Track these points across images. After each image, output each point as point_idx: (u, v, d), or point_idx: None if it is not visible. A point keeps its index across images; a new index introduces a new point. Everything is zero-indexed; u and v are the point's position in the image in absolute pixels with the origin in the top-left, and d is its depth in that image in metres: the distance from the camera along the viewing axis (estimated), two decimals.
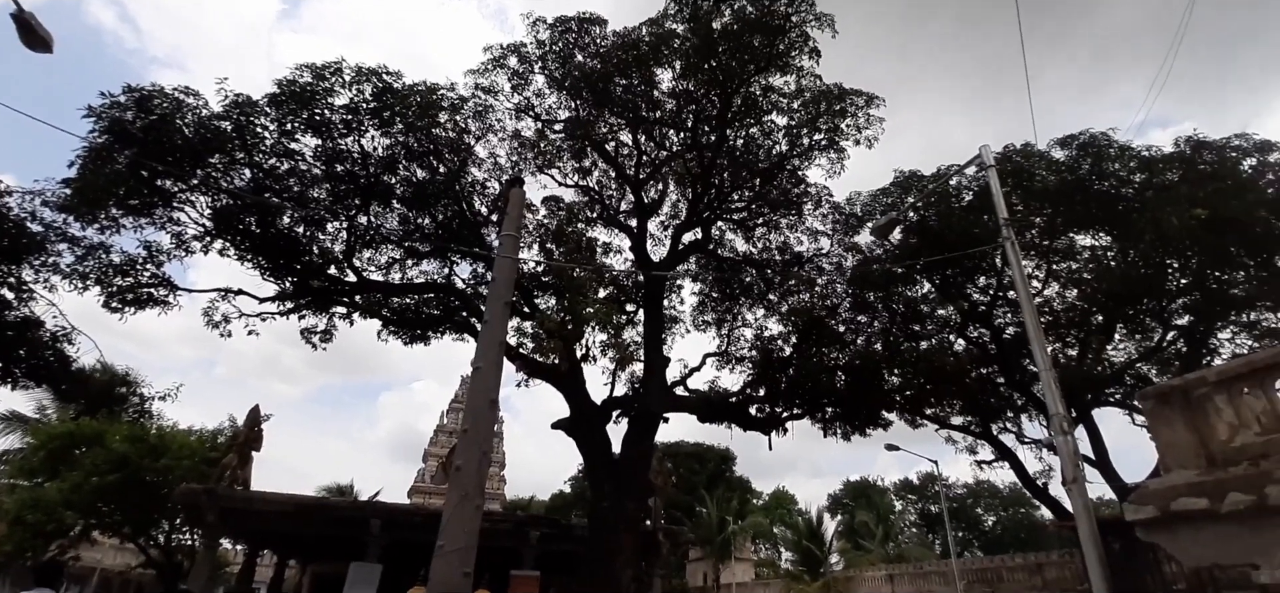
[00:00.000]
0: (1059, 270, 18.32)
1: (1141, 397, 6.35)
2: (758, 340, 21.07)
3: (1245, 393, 5.47)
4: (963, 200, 17.92)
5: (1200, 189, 14.62)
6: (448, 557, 6.28)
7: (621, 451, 17.65)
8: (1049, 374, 7.79)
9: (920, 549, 45.92)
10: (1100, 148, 16.50)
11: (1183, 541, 5.24)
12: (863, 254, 19.79)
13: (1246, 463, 5.10)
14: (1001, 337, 19.04)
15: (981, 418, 20.39)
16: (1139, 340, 18.44)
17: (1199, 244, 14.70)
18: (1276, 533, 4.63)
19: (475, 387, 7.79)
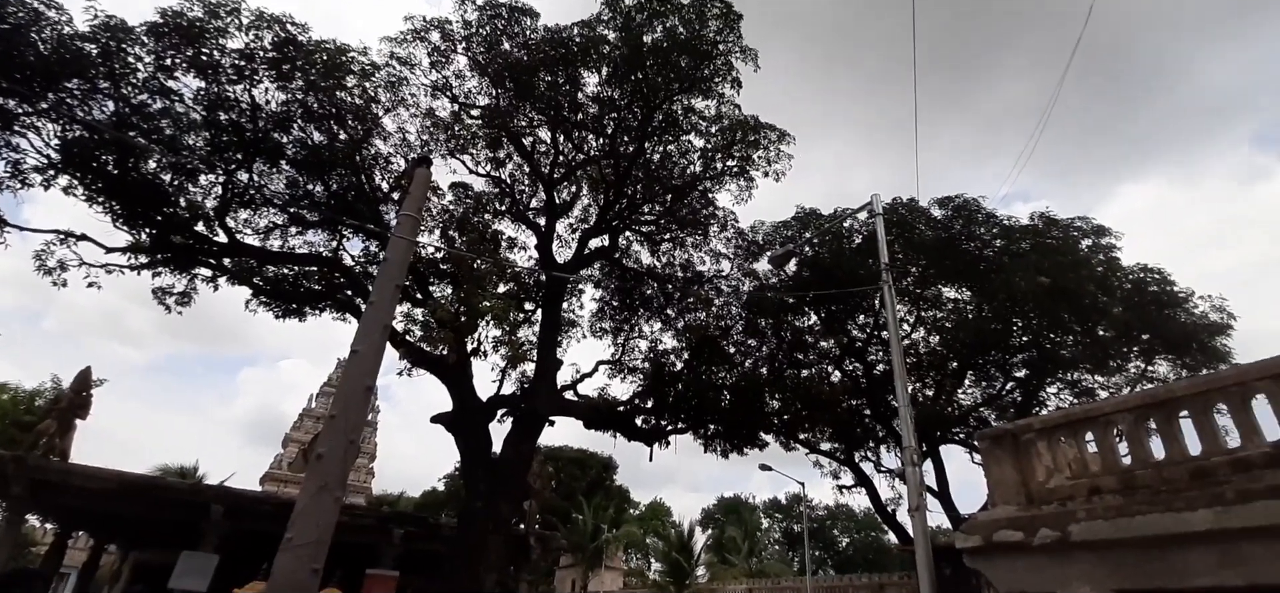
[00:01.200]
0: (927, 317, 20.31)
1: (980, 437, 7.17)
2: (652, 353, 21.51)
3: (1062, 441, 6.35)
4: (853, 243, 19.41)
5: (1046, 260, 16.86)
6: (296, 551, 5.80)
7: (502, 450, 17.29)
8: (907, 410, 8.59)
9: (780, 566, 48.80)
10: (971, 212, 18.57)
11: (1000, 569, 5.97)
12: (759, 281, 20.83)
13: (1057, 503, 5.92)
14: (872, 372, 20.75)
15: (847, 446, 22.10)
16: (984, 387, 20.84)
17: (1040, 308, 16.90)
18: (1076, 566, 5.40)
19: (351, 370, 7.31)
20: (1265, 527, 4.29)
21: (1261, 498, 4.38)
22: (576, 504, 45.52)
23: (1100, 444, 5.97)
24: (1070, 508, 5.63)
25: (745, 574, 39.86)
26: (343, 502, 6.57)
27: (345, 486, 6.69)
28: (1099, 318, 17.27)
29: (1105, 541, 5.15)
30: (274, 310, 18.40)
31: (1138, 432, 5.71)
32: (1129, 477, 5.52)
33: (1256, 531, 4.34)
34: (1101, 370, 18.31)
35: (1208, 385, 5.46)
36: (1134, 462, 5.62)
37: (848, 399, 21.31)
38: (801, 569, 39.53)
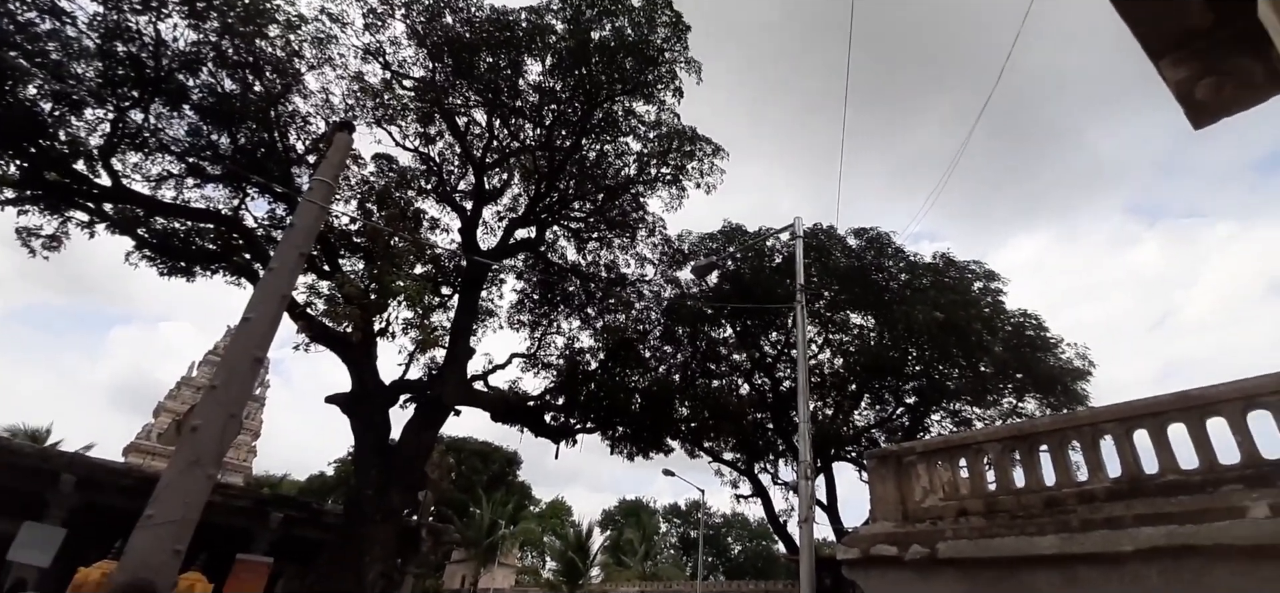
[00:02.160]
0: (834, 340, 21.43)
1: (868, 456, 7.66)
2: (568, 350, 21.40)
3: (939, 465, 6.90)
4: (773, 262, 20.20)
5: (942, 297, 18.26)
6: (155, 530, 5.30)
7: (401, 437, 16.59)
8: (806, 426, 9.04)
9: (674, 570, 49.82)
10: (883, 245, 19.83)
11: (874, 581, 6.40)
12: (681, 289, 21.22)
13: (929, 521, 6.42)
14: (778, 388, 21.65)
15: (748, 457, 22.93)
16: (877, 410, 22.28)
17: (933, 341, 18.27)
18: (940, 582, 5.87)
19: (240, 338, 6.79)
20: (1102, 553, 4.84)
21: (1100, 528, 4.95)
22: (475, 498, 44.46)
23: (971, 470, 6.53)
24: (940, 527, 6.12)
25: (639, 577, 40.43)
26: (216, 479, 6.08)
27: (220, 462, 6.20)
28: (982, 355, 18.90)
29: (968, 559, 5.63)
30: (159, 267, 16.74)
31: (1003, 461, 6.30)
32: (992, 501, 6.08)
33: (1094, 557, 4.89)
34: (980, 403, 20.02)
35: (1065, 424, 6.11)
36: (998, 488, 6.20)
37: (753, 412, 22.11)
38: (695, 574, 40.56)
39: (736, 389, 22.25)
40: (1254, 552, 4.11)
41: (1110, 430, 5.56)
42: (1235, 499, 4.43)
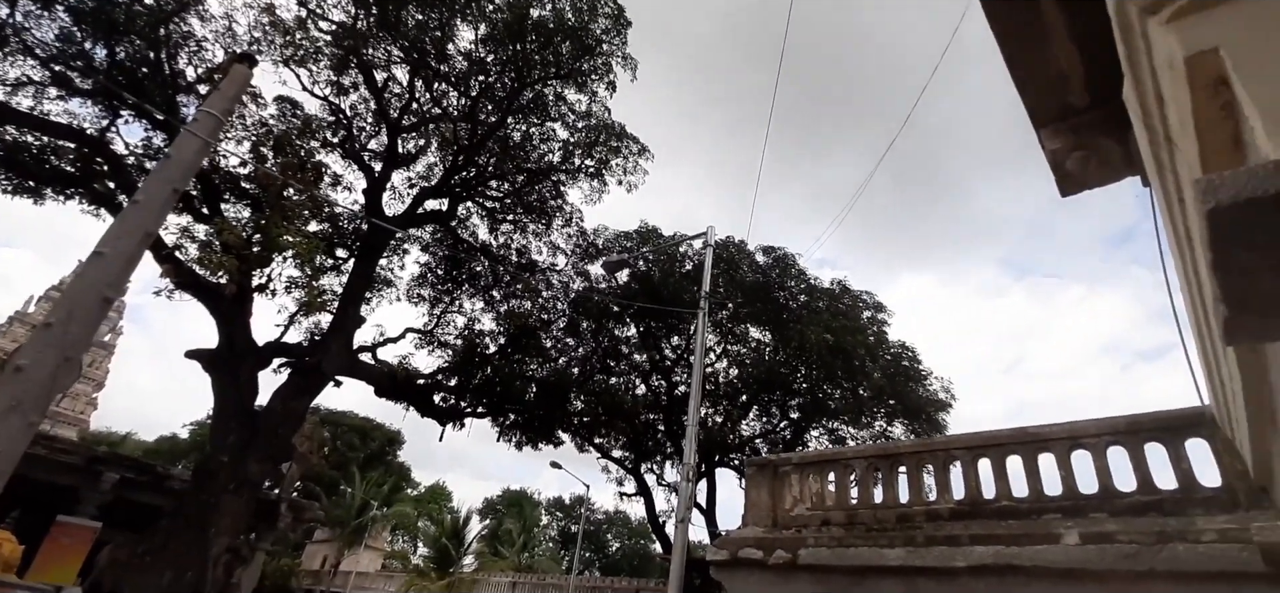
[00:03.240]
0: (732, 351, 22.24)
1: (748, 463, 8.04)
2: (467, 331, 20.76)
3: (810, 477, 7.35)
4: (683, 268, 20.66)
5: (835, 321, 19.42)
6: None
7: (270, 402, 15.34)
8: (694, 429, 9.30)
9: (550, 563, 49.54)
10: (787, 265, 20.81)
11: (738, 581, 6.70)
12: (590, 283, 21.18)
13: (795, 529, 6.81)
14: (674, 392, 22.16)
15: (637, 456, 23.28)
16: (764, 421, 23.30)
17: (821, 362, 19.36)
18: (797, 585, 6.24)
19: (89, 273, 5.99)
20: (939, 568, 5.35)
21: (940, 544, 5.47)
22: (349, 476, 42.04)
23: (838, 484, 7.01)
24: (804, 535, 6.52)
25: (513, 568, 39.88)
26: (38, 429, 5.32)
27: (46, 410, 5.46)
28: (863, 379, 20.32)
29: (824, 565, 6.04)
30: (3, 184, 14.52)
31: (866, 478, 6.81)
32: (853, 514, 6.55)
33: (933, 570, 5.39)
34: (856, 423, 21.50)
35: (922, 448, 6.71)
36: (859, 502, 6.70)
37: (647, 413, 22.48)
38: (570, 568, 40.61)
39: (633, 389, 22.53)
40: (1065, 574, 4.70)
41: (960, 457, 6.17)
42: (1054, 526, 5.05)
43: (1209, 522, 4.26)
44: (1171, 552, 4.20)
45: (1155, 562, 4.23)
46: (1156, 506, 4.82)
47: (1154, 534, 4.35)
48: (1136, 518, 4.76)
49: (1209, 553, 4.05)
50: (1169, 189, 2.11)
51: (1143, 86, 1.86)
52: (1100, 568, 4.48)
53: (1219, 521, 4.23)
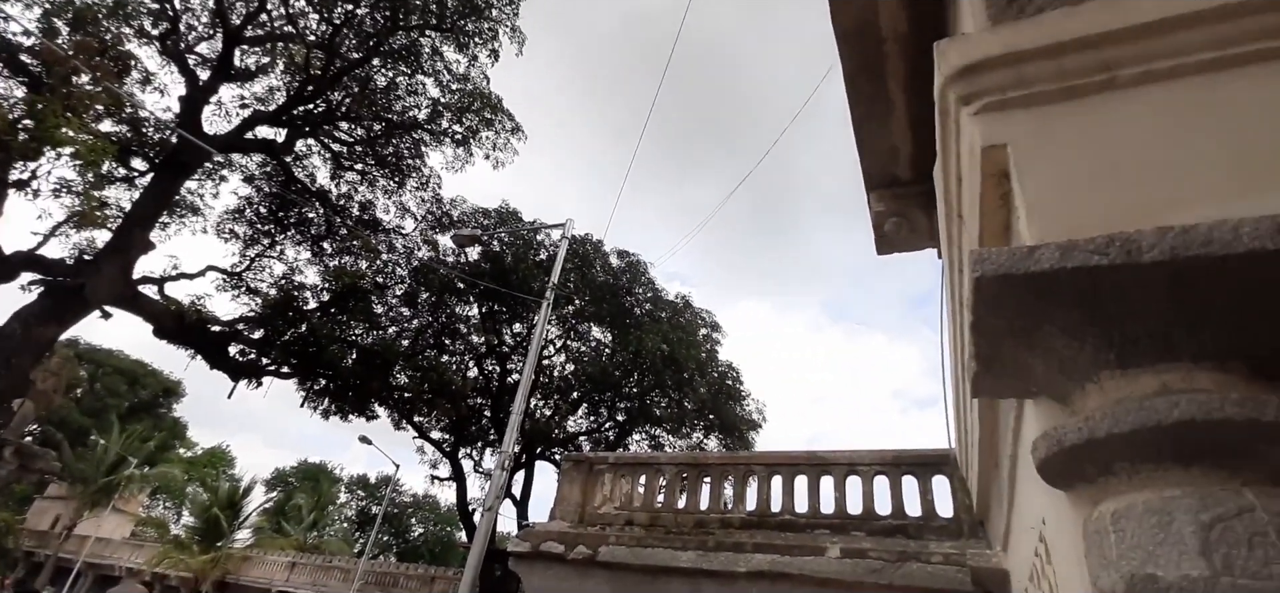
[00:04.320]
0: (572, 347, 22.23)
1: (566, 458, 8.00)
2: (286, 281, 18.44)
3: (624, 478, 7.50)
4: (538, 256, 20.27)
5: (673, 333, 20.21)
6: None
7: (8, 324, 12.36)
8: (518, 417, 9.09)
9: (340, 544, 45.34)
10: (639, 271, 21.30)
11: (536, 574, 6.62)
12: (437, 253, 19.96)
13: (600, 526, 6.91)
14: (507, 379, 21.62)
15: (457, 440, 22.30)
16: (591, 420, 23.56)
17: (655, 370, 20.02)
18: (592, 582, 6.31)
19: None
20: (722, 571, 5.70)
21: (728, 550, 5.85)
22: (105, 424, 35.17)
23: (648, 487, 7.23)
24: (607, 533, 6.62)
25: (296, 546, 35.86)
26: None
27: None
28: (690, 392, 21.39)
29: (622, 564, 6.17)
30: None
31: (675, 484, 7.11)
32: (656, 516, 6.79)
33: (717, 574, 5.73)
34: (676, 433, 22.56)
35: (728, 461, 7.18)
36: (664, 506, 6.95)
37: (476, 397, 21.66)
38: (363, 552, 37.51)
39: (465, 370, 21.60)
40: (824, 582, 5.25)
41: (758, 472, 6.68)
42: (822, 540, 5.64)
43: (939, 546, 5.06)
44: (908, 569, 4.92)
45: (894, 577, 4.92)
46: (903, 529, 5.62)
47: (897, 553, 5.07)
48: (887, 538, 5.51)
49: (934, 572, 4.81)
50: (954, 259, 2.42)
51: (948, 167, 2.10)
52: (852, 579, 5.10)
53: (946, 546, 5.04)
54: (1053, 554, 2.25)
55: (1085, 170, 1.56)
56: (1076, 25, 1.63)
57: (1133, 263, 1.34)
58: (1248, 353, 1.36)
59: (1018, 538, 3.18)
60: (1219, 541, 1.22)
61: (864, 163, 3.36)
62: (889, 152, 3.32)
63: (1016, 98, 1.69)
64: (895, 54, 2.85)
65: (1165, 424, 1.30)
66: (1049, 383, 1.64)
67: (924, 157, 3.08)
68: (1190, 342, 1.38)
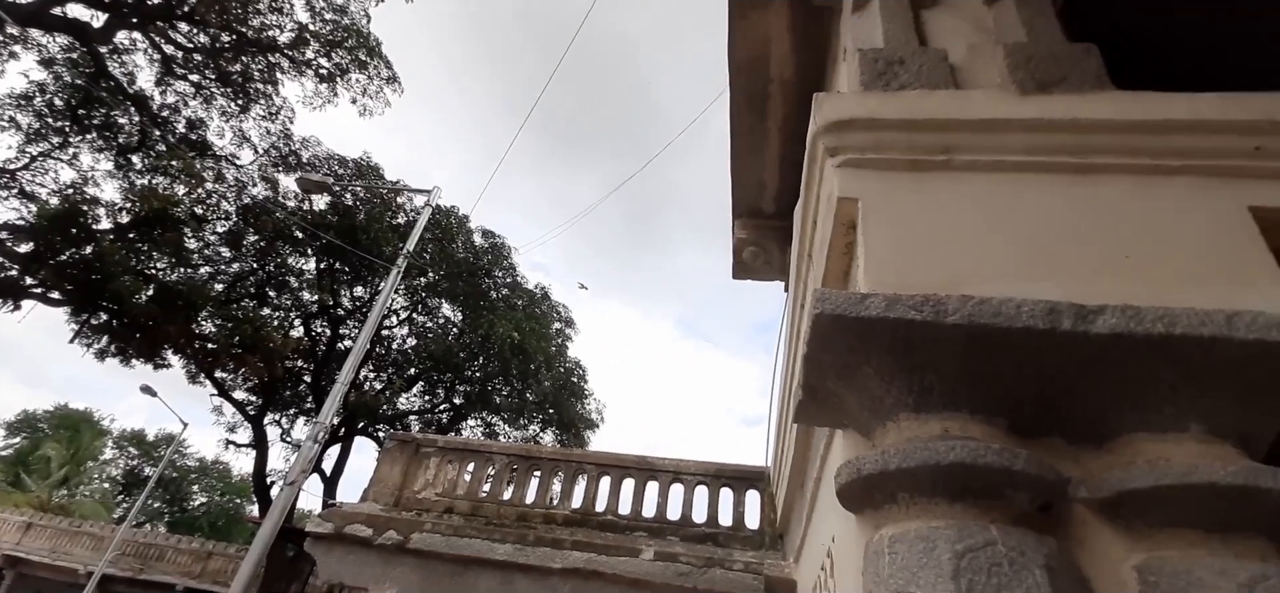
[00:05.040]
0: (417, 321, 20.74)
1: (391, 437, 7.37)
2: (74, 191, 15.06)
3: (451, 464, 7.08)
4: (395, 219, 18.66)
5: (526, 323, 19.63)
6: None
7: None
8: (344, 387, 8.21)
9: (96, 507, 37.63)
10: (502, 255, 20.46)
11: (334, 558, 6.00)
12: (275, 194, 17.57)
13: (416, 512, 6.45)
14: (337, 344, 19.58)
15: (265, 404, 19.66)
16: (426, 399, 22.05)
17: (501, 357, 19.26)
18: (399, 569, 5.85)
19: None
20: (538, 566, 5.58)
21: (546, 546, 5.74)
22: None
23: (475, 475, 6.89)
24: (423, 520, 6.20)
25: (36, 505, 29.17)
26: None
27: None
28: (535, 384, 20.89)
29: (434, 552, 5.80)
30: None
31: (503, 474, 6.86)
32: (479, 506, 6.49)
33: (532, 568, 5.60)
34: (514, 423, 21.84)
35: (561, 457, 7.08)
36: (489, 496, 6.67)
37: (296, 359, 19.33)
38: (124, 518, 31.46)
39: (289, 328, 19.17)
40: (634, 583, 5.36)
41: (588, 471, 6.68)
42: (639, 542, 5.76)
43: (742, 555, 5.42)
44: (711, 575, 5.20)
45: (699, 581, 5.18)
46: (714, 537, 5.95)
47: (705, 559, 5.34)
48: (698, 544, 5.79)
49: (733, 578, 5.14)
50: (798, 295, 2.61)
51: (807, 210, 2.25)
52: (660, 581, 5.27)
53: (748, 555, 5.42)
54: (836, 569, 2.45)
55: (917, 235, 1.73)
56: (928, 107, 1.83)
57: (938, 322, 1.49)
58: (1010, 411, 1.57)
59: (810, 553, 3.47)
60: (967, 568, 1.35)
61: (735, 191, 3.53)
62: (758, 184, 3.52)
63: (872, 160, 1.84)
64: (778, 96, 3.04)
65: (942, 464, 1.44)
66: (858, 418, 1.77)
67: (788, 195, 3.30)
68: (970, 396, 1.57)
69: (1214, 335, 1.35)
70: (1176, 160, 1.69)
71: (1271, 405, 1.41)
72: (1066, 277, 1.58)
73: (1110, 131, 1.74)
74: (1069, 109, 1.77)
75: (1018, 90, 1.88)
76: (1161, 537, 1.40)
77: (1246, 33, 2.86)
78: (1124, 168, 1.72)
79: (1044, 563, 1.34)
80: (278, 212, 17.02)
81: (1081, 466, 1.54)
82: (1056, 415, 1.56)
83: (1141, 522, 1.42)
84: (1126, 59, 2.26)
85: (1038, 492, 1.45)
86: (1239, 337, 1.34)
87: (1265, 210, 1.58)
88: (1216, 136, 1.69)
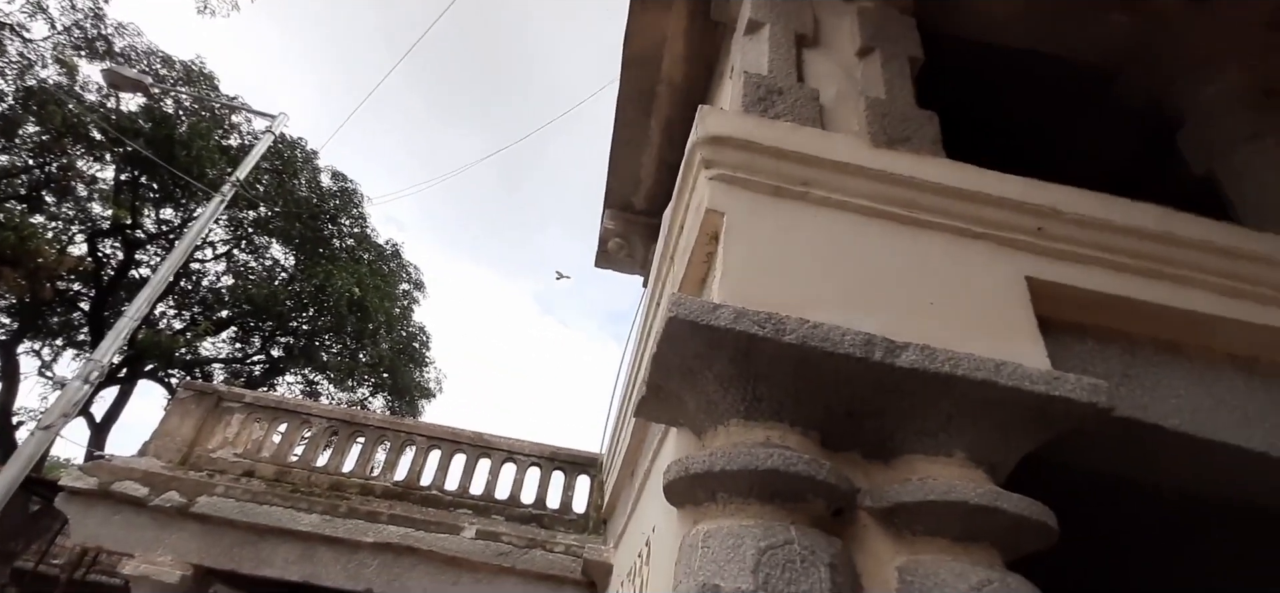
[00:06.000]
0: (238, 259, 17.80)
1: (187, 386, 6.21)
2: None
3: (258, 422, 6.14)
4: (226, 138, 15.86)
5: (372, 279, 17.69)
6: None
7: None
8: (132, 321, 6.80)
9: None
10: (351, 201, 18.22)
11: (96, 520, 4.89)
12: (72, 81, 14.05)
13: (207, 473, 5.50)
14: (131, 270, 16.19)
15: (21, 329, 15.64)
16: (238, 347, 18.91)
17: (336, 311, 17.11)
18: (176, 535, 4.93)
19: None
20: (345, 539, 5.04)
21: (359, 518, 5.20)
22: None
23: (285, 438, 6.06)
24: (215, 481, 5.32)
25: None
26: None
27: None
28: (370, 346, 18.79)
29: (224, 518, 4.98)
30: None
31: (320, 439, 6.11)
32: (286, 472, 5.71)
33: (338, 541, 5.03)
34: (341, 385, 19.49)
35: (389, 425, 6.46)
36: (300, 461, 5.90)
37: (72, 280, 15.64)
38: None
39: (68, 242, 15.42)
40: (450, 561, 5.05)
41: (418, 442, 6.18)
42: (462, 520, 5.46)
43: (565, 538, 5.36)
44: (531, 556, 5.07)
45: (518, 561, 5.03)
46: (540, 518, 5.82)
47: (528, 540, 5.20)
48: (523, 525, 5.62)
49: (553, 560, 5.07)
50: (655, 294, 2.62)
51: (676, 214, 2.27)
52: (479, 560, 5.03)
53: (570, 538, 5.37)
54: (653, 558, 2.50)
55: (769, 256, 1.81)
56: (796, 140, 1.92)
57: (777, 339, 1.56)
58: (822, 426, 1.70)
59: (630, 540, 3.53)
60: (766, 564, 1.43)
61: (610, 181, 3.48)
62: (634, 179, 3.51)
63: (742, 179, 1.89)
64: (666, 97, 3.04)
65: (760, 469, 1.51)
66: (694, 418, 1.81)
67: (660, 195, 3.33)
68: (794, 409, 1.67)
69: (985, 379, 1.57)
70: (979, 227, 1.96)
71: (1016, 441, 1.68)
72: (884, 313, 1.75)
73: (935, 193, 1.97)
74: (909, 167, 1.98)
75: (871, 141, 2.06)
76: (920, 543, 1.59)
77: (1060, 126, 3.46)
78: (941, 226, 1.96)
79: (829, 561, 1.45)
80: (70, 103, 13.62)
81: (871, 478, 1.71)
82: (859, 433, 1.71)
83: (908, 530, 1.60)
84: (961, 130, 2.60)
85: (833, 499, 1.57)
86: (1002, 383, 1.57)
87: (1037, 281, 1.89)
88: (1012, 213, 1.98)
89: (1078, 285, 1.92)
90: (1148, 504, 2.22)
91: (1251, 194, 2.72)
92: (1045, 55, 3.06)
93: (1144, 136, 3.17)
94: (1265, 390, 1.95)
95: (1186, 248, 2.00)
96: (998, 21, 2.97)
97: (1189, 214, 2.08)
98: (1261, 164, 2.73)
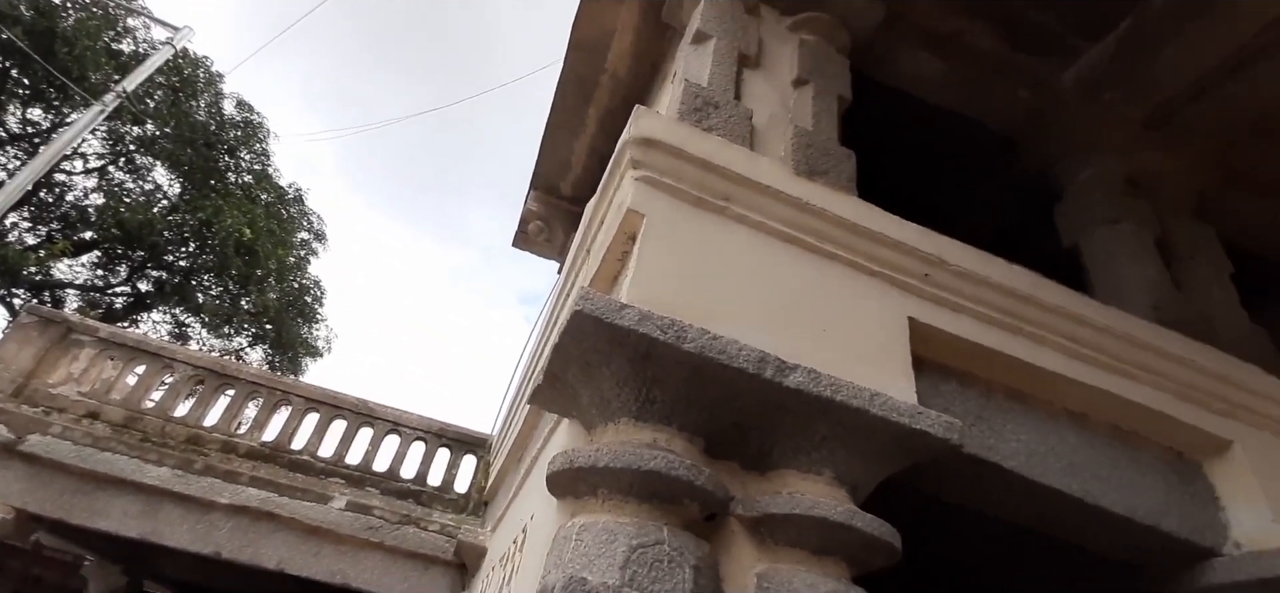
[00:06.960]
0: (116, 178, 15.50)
1: (31, 310, 5.30)
2: None
3: (111, 359, 5.36)
4: (118, 41, 13.81)
5: (267, 222, 15.93)
6: None
7: None
8: None
9: None
10: (256, 135, 16.39)
11: None
12: None
13: (45, 409, 4.73)
14: None
15: None
16: (101, 274, 16.32)
17: (222, 251, 15.22)
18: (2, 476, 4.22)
19: None
20: (197, 498, 4.50)
21: (216, 477, 4.67)
22: None
23: (142, 381, 5.34)
24: (51, 420, 4.60)
25: None
26: None
27: None
28: (256, 293, 16.78)
29: (58, 462, 4.31)
30: None
31: (182, 387, 5.44)
32: (138, 418, 5.02)
33: (189, 499, 4.49)
34: (215, 330, 17.28)
35: (263, 381, 5.86)
36: (156, 408, 5.21)
37: None
38: None
39: None
40: (312, 530, 4.65)
41: (294, 403, 5.65)
42: (331, 489, 5.05)
43: (442, 517, 5.10)
44: (403, 533, 4.78)
45: (387, 537, 4.72)
46: (417, 495, 5.48)
47: (401, 516, 4.89)
48: (398, 500, 5.28)
49: (426, 539, 4.80)
50: (566, 285, 2.54)
51: (599, 208, 2.21)
52: (346, 532, 4.67)
53: (447, 518, 5.12)
54: (527, 545, 2.42)
55: (682, 264, 1.80)
56: (725, 156, 1.92)
57: (676, 346, 1.55)
58: (708, 433, 1.70)
59: (508, 526, 3.41)
60: (635, 561, 1.42)
61: (539, 163, 3.36)
62: (564, 164, 3.40)
63: (666, 184, 1.87)
64: (607, 88, 2.97)
65: (642, 469, 1.50)
66: (586, 413, 1.77)
67: (587, 185, 3.24)
68: (684, 415, 1.66)
69: (859, 407, 1.64)
70: (876, 265, 2.06)
71: (879, 467, 1.77)
72: (780, 333, 1.79)
73: (842, 228, 2.05)
74: (823, 199, 2.04)
75: (793, 169, 2.11)
76: (781, 553, 1.63)
77: (966, 182, 3.70)
78: (843, 259, 2.04)
79: (695, 563, 1.46)
80: None
81: (746, 487, 1.74)
82: (742, 443, 1.74)
83: (772, 539, 1.64)
84: (879, 168, 2.72)
85: (708, 504, 1.59)
86: (873, 412, 1.65)
87: (918, 322, 2.01)
88: (905, 257, 2.10)
89: (951, 331, 2.06)
90: (986, 535, 2.44)
91: (1105, 271, 3.07)
92: (963, 116, 3.31)
93: (1037, 203, 3.51)
94: (1090, 445, 2.19)
95: (1046, 311, 2.21)
96: (924, 78, 3.18)
97: (1053, 281, 2.30)
98: (1116, 246, 3.09)
